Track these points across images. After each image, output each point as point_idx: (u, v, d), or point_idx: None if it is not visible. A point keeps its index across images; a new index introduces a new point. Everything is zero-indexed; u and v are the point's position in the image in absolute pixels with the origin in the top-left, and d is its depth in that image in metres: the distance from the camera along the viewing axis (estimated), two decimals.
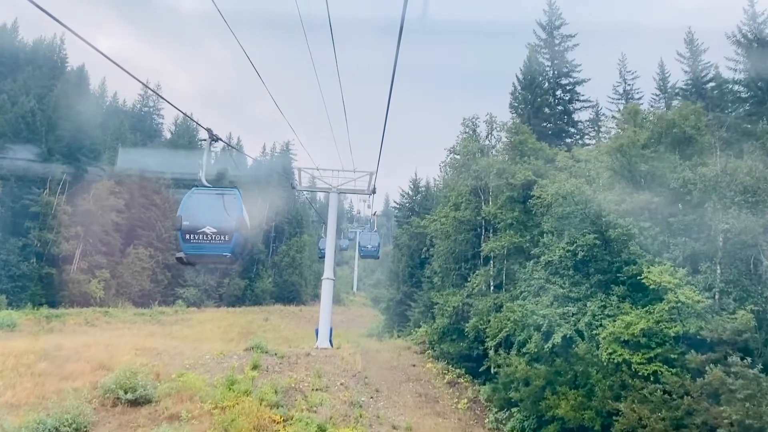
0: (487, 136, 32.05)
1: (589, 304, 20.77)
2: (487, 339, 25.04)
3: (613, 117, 37.66)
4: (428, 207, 47.94)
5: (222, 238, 8.65)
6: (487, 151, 31.58)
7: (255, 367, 24.56)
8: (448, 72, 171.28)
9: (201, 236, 8.62)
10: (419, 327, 34.86)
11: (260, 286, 58.88)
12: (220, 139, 8.83)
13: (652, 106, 37.65)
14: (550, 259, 22.05)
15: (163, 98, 69.40)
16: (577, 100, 38.39)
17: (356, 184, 31.20)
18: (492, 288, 27.97)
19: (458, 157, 32.02)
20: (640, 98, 39.96)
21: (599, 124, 38.98)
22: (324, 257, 31.43)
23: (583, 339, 20.21)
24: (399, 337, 37.35)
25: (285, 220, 63.92)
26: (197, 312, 53.12)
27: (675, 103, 35.85)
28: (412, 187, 55.92)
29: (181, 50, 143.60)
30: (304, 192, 55.66)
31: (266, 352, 26.57)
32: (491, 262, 28.86)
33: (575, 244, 21.48)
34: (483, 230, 30.13)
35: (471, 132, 32.47)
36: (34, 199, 48.31)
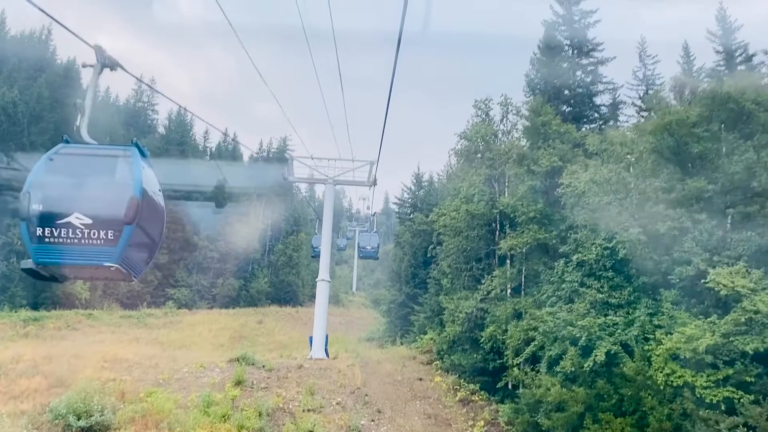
0: (502, 120, 28.65)
1: (637, 312, 17.28)
2: (506, 351, 21.63)
3: (633, 104, 34.72)
4: (432, 203, 44.81)
5: (101, 235, 4.64)
6: (503, 136, 28.20)
7: (238, 383, 21.36)
8: (448, 78, 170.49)
9: (64, 232, 4.61)
10: (425, 333, 31.53)
11: (255, 287, 55.94)
12: (119, 65, 5.45)
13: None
14: (584, 258, 18.56)
15: (142, 82, 66.39)
16: (600, 81, 34.81)
17: (355, 175, 28.55)
18: (510, 291, 24.56)
19: (469, 143, 28.63)
20: (661, 84, 37.04)
21: (618, 111, 35.74)
22: (318, 256, 28.28)
23: (631, 356, 16.73)
24: (402, 344, 34.01)
25: (281, 218, 61.01)
26: (188, 314, 50.21)
27: (702, 87, 32.75)
28: (414, 181, 52.90)
29: (181, 50, 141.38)
30: (302, 190, 52.28)
31: (253, 364, 23.41)
32: (508, 261, 25.46)
33: (614, 240, 18.03)
34: (498, 225, 26.73)
35: (484, 116, 29.04)
36: (15, 195, 45.41)
